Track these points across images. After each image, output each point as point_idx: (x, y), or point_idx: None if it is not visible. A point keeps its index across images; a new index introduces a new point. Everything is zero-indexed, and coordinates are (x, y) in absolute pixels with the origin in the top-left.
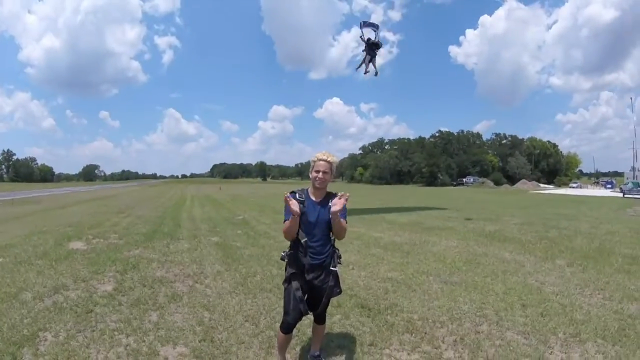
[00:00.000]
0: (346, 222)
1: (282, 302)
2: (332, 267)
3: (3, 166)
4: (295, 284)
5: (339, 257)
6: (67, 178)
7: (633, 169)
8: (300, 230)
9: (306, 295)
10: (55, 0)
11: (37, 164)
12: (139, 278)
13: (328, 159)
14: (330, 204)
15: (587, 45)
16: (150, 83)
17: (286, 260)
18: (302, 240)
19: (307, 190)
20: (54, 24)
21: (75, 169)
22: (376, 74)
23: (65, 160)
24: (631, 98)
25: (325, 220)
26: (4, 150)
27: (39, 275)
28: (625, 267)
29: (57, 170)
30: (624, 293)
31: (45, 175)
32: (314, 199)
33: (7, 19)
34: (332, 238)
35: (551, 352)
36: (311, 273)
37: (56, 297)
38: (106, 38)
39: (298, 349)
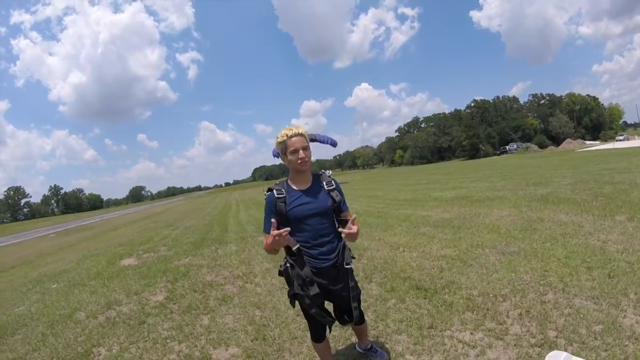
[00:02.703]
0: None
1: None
2: (347, 264)
3: (52, 201)
4: (305, 301)
5: (350, 251)
6: (116, 203)
7: None
8: (289, 236)
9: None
10: (72, 38)
11: (84, 194)
12: (190, 285)
13: (300, 132)
14: (328, 193)
15: None
16: (180, 100)
17: (284, 274)
18: (294, 248)
19: (285, 181)
20: (76, 61)
21: (122, 193)
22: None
23: (112, 186)
24: None
25: (324, 209)
26: (51, 186)
27: (92, 295)
28: None
29: (104, 197)
30: None
31: (94, 203)
32: (298, 188)
33: (30, 65)
34: (340, 230)
35: (624, 315)
36: (321, 277)
37: (109, 313)
38: (130, 64)
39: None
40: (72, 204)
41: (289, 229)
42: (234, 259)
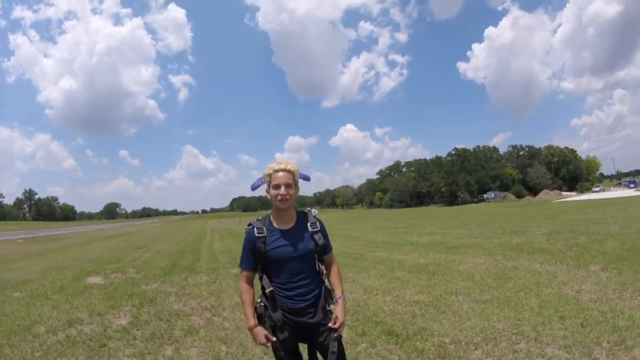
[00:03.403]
0: (333, 255)
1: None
2: (328, 305)
3: (25, 205)
4: (274, 344)
5: (331, 297)
6: (89, 216)
7: None
8: (265, 277)
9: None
10: (69, 43)
11: (58, 203)
12: (155, 312)
13: (288, 168)
14: (311, 235)
15: (594, 44)
16: (168, 121)
17: (257, 313)
18: (267, 291)
19: (268, 217)
20: (70, 66)
21: (96, 208)
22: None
23: (87, 199)
24: None
25: (305, 253)
26: (25, 190)
27: (54, 309)
28: None
29: (78, 209)
30: None
31: (67, 214)
32: (280, 226)
33: (24, 63)
34: (321, 273)
35: None
36: (298, 316)
37: (70, 331)
38: (122, 78)
39: None
40: (44, 211)
41: (273, 339)
42: (204, 289)
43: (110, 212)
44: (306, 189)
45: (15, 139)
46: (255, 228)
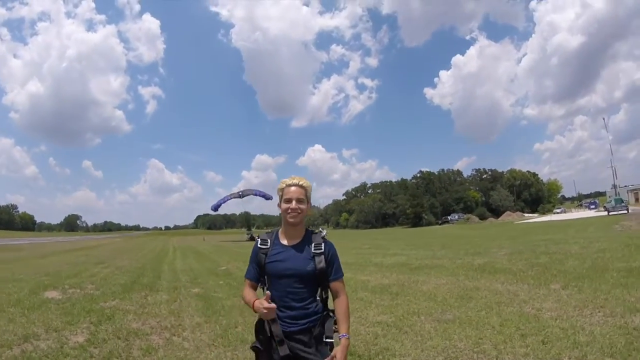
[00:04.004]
0: (343, 284)
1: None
2: (327, 337)
3: None
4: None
5: (332, 330)
6: (49, 227)
7: (614, 186)
8: (264, 290)
9: None
10: (40, 45)
11: (18, 211)
12: (114, 330)
13: (300, 183)
14: (312, 256)
15: (557, 73)
16: (134, 133)
17: (255, 325)
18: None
19: (276, 232)
20: (38, 69)
21: (57, 219)
22: None
23: (48, 209)
24: (604, 118)
25: (300, 273)
26: None
27: (9, 323)
28: (622, 281)
29: (38, 219)
30: (625, 307)
31: (27, 224)
32: (284, 242)
33: None
34: (320, 297)
35: None
36: (290, 340)
37: (25, 346)
38: (90, 86)
39: None
40: (3, 219)
41: (274, 306)
42: (164, 308)
43: (71, 224)
44: (272, 209)
45: None
46: (260, 239)
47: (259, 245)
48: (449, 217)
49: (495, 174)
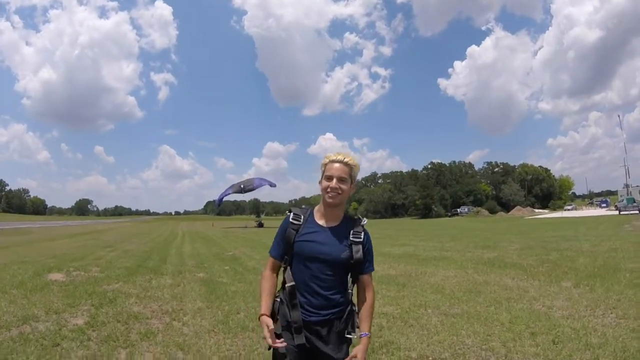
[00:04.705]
0: (372, 280)
1: (264, 343)
2: (348, 333)
3: None
4: (279, 350)
5: (355, 324)
6: (60, 212)
7: (626, 185)
8: (288, 269)
9: None
10: (52, 33)
11: (29, 196)
12: (114, 313)
13: (346, 160)
14: (350, 244)
15: (573, 67)
16: (146, 119)
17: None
18: (288, 285)
19: (311, 209)
20: (51, 57)
21: (68, 203)
22: None
23: (59, 193)
24: (619, 116)
25: (333, 259)
26: None
27: (10, 304)
28: (635, 282)
29: (49, 204)
30: (639, 309)
31: (38, 208)
32: (320, 222)
33: (4, 50)
34: (350, 289)
35: None
36: (307, 331)
37: (24, 328)
38: (103, 73)
39: None
40: (14, 203)
41: (284, 344)
42: (167, 292)
43: (82, 208)
44: (282, 196)
45: None
46: (293, 213)
47: (290, 220)
48: (458, 210)
49: (507, 168)
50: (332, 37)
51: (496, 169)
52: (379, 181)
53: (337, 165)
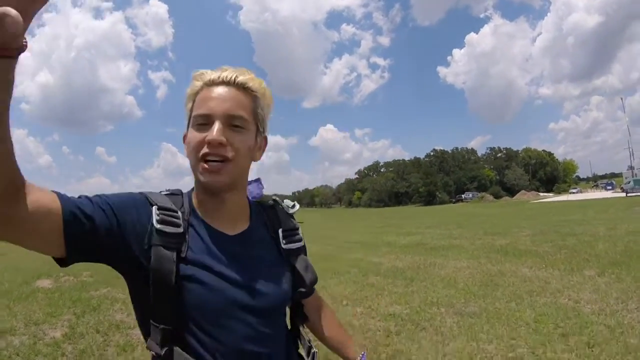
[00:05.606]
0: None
1: None
2: None
3: None
4: None
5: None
6: None
7: (631, 167)
8: (165, 338)
9: None
10: (48, 36)
11: None
12: (95, 322)
13: (239, 80)
14: (286, 257)
15: (573, 52)
16: (145, 118)
17: None
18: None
19: (188, 197)
20: (47, 60)
21: None
22: None
23: None
24: (621, 99)
25: (283, 298)
26: None
27: None
28: None
29: None
30: None
31: None
32: (218, 226)
33: None
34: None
35: None
36: None
37: None
38: (100, 74)
39: None
40: None
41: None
42: None
43: None
44: (284, 188)
45: None
46: (159, 213)
47: (156, 225)
48: (463, 196)
49: (510, 153)
50: (330, 29)
51: (499, 154)
52: (382, 170)
53: (219, 90)
